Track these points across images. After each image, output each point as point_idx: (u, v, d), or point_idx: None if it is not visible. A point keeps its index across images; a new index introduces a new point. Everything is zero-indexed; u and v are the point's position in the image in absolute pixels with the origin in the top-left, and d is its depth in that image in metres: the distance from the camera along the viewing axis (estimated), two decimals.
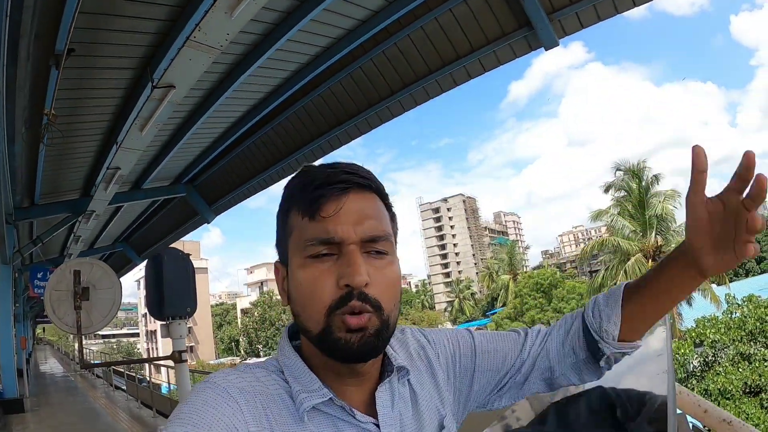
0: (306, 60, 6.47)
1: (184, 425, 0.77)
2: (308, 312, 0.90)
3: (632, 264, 26.28)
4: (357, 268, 0.86)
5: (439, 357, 1.13)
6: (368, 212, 0.91)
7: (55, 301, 5.67)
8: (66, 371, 26.82)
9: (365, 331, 0.87)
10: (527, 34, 5.82)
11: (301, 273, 0.90)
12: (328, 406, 0.91)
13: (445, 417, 1.07)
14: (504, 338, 1.19)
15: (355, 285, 0.85)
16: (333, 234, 0.87)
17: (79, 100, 5.50)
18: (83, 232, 9.56)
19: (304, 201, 0.90)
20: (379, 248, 0.91)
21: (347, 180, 0.91)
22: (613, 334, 1.08)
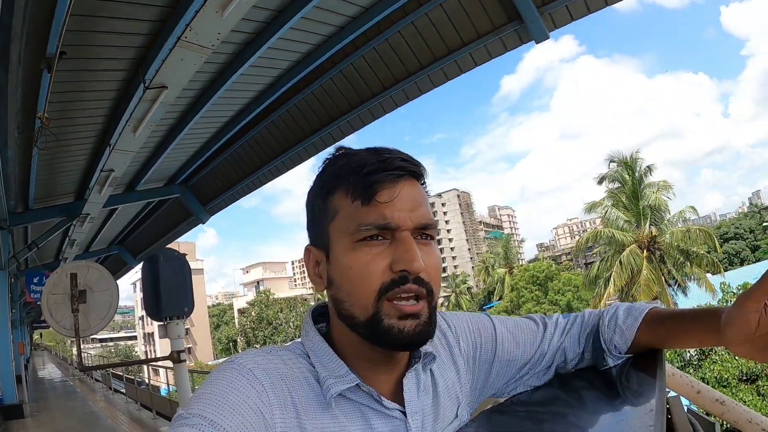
0: (297, 58, 6.47)
1: (208, 406, 0.76)
2: (356, 296, 0.88)
3: (627, 255, 26.30)
4: (415, 254, 0.86)
5: (459, 343, 1.13)
6: (420, 200, 0.92)
7: (52, 304, 5.65)
8: (64, 376, 26.70)
9: (419, 318, 0.87)
10: (518, 28, 5.83)
11: (350, 256, 0.89)
12: (354, 393, 0.90)
13: (461, 405, 1.08)
14: (523, 329, 1.19)
15: (413, 270, 0.85)
16: (390, 219, 0.87)
17: (71, 103, 5.49)
18: (78, 236, 9.53)
19: (356, 184, 0.89)
20: (428, 234, 0.91)
21: (403, 167, 0.90)
22: (621, 349, 1.11)
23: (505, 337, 1.16)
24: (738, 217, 76.13)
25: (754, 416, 2.19)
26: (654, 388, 0.95)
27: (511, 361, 1.15)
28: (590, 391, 1.09)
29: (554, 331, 1.19)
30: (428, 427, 0.97)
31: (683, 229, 26.44)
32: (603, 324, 1.14)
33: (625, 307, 1.14)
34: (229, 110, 7.61)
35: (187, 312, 5.50)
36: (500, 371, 1.16)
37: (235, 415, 0.75)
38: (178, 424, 0.74)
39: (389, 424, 0.91)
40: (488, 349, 1.15)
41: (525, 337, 1.17)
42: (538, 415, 1.05)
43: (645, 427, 0.79)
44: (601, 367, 1.13)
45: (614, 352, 1.11)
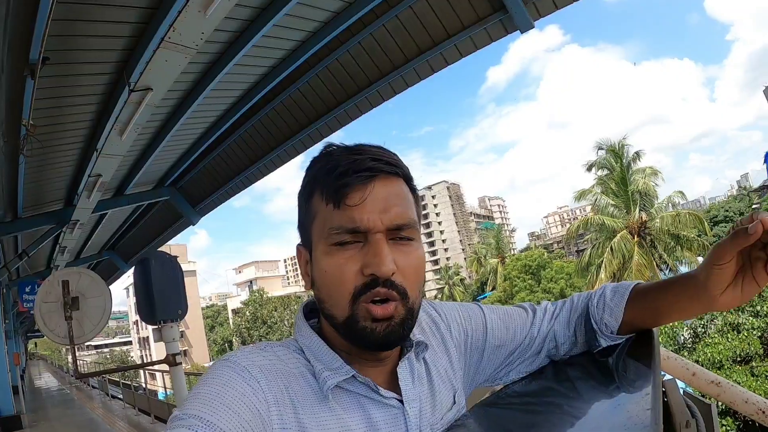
0: (282, 55, 6.44)
1: (204, 406, 0.76)
2: (333, 299, 0.89)
3: (618, 241, 26.48)
4: (383, 257, 0.85)
5: (451, 332, 1.14)
6: (394, 200, 0.90)
7: (45, 313, 5.62)
8: (61, 384, 26.66)
9: (391, 321, 0.87)
10: (502, 18, 5.80)
11: (325, 260, 0.90)
12: (351, 384, 0.91)
13: (457, 392, 1.09)
14: (513, 315, 1.21)
15: (381, 275, 0.85)
16: (359, 223, 0.87)
17: (56, 108, 5.43)
18: (69, 243, 9.47)
19: (328, 187, 0.89)
20: (405, 235, 0.90)
21: (373, 167, 0.89)
22: (612, 327, 1.12)
23: (495, 324, 1.17)
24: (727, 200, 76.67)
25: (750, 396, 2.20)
26: (649, 372, 0.96)
27: (501, 347, 1.17)
28: (586, 379, 1.10)
29: (543, 316, 1.21)
30: (427, 414, 0.98)
31: (673, 214, 26.69)
32: (592, 305, 1.15)
33: (612, 286, 1.16)
34: (216, 110, 7.57)
35: (181, 314, 5.48)
36: (491, 357, 1.17)
37: (232, 414, 0.75)
38: (174, 425, 0.74)
39: (387, 412, 0.92)
40: (479, 336, 1.16)
41: (515, 323, 1.19)
42: (534, 406, 1.07)
43: (642, 410, 0.79)
44: (595, 349, 1.15)
45: (606, 331, 1.13)
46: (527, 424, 0.99)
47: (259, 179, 9.63)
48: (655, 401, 0.81)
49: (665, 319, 1.11)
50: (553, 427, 0.94)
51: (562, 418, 0.96)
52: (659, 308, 1.08)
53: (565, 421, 0.94)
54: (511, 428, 1.01)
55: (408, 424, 0.93)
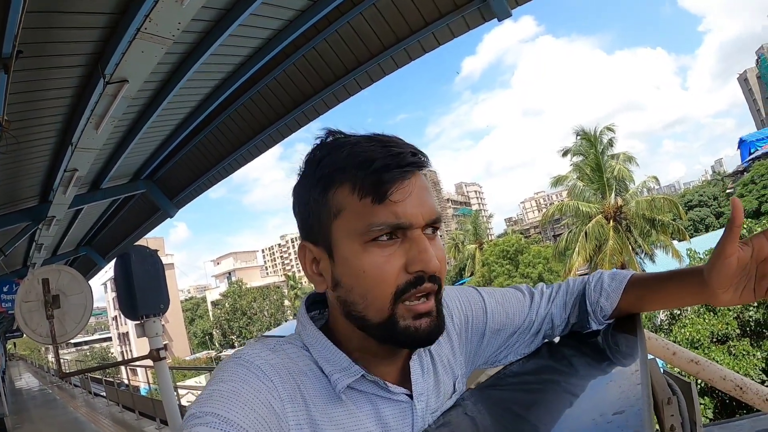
0: (259, 44, 6.37)
1: (221, 403, 0.75)
2: (370, 300, 0.87)
3: (593, 225, 26.80)
4: (430, 253, 0.86)
5: (453, 317, 1.15)
6: (427, 193, 0.90)
7: (26, 312, 5.53)
8: (42, 384, 26.40)
9: (432, 315, 0.88)
10: (480, 6, 5.79)
11: (362, 258, 0.86)
12: (360, 383, 0.92)
13: (458, 378, 1.11)
14: (511, 299, 1.23)
15: (430, 271, 0.85)
16: (404, 219, 0.85)
17: (30, 103, 5.31)
18: (45, 240, 9.31)
19: (365, 181, 0.85)
20: (437, 226, 0.91)
21: (416, 162, 0.88)
22: (606, 312, 1.17)
23: (495, 308, 1.20)
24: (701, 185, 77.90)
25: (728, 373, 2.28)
26: (637, 350, 0.99)
27: (501, 330, 1.20)
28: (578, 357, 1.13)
29: (540, 299, 1.24)
30: (431, 405, 1.00)
31: (648, 199, 27.13)
32: (589, 288, 1.19)
33: (610, 273, 1.20)
34: (192, 100, 7.48)
35: (163, 309, 5.45)
36: (490, 340, 1.20)
37: (249, 412, 0.75)
38: (193, 423, 0.73)
39: (396, 407, 0.94)
40: (479, 321, 1.18)
41: (513, 307, 1.21)
42: (531, 385, 1.09)
43: (633, 385, 0.82)
44: (585, 331, 1.19)
45: (599, 314, 1.17)
46: (526, 402, 1.01)
47: (236, 170, 9.56)
48: (644, 376, 0.84)
49: (657, 307, 1.16)
50: (549, 403, 0.97)
51: (558, 395, 0.99)
52: (658, 298, 1.12)
53: (561, 397, 0.98)
54: (509, 406, 1.03)
55: (414, 416, 0.95)
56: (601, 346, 1.12)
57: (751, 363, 11.80)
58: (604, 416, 0.75)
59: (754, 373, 11.50)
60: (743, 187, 45.10)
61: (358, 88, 7.28)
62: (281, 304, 71.98)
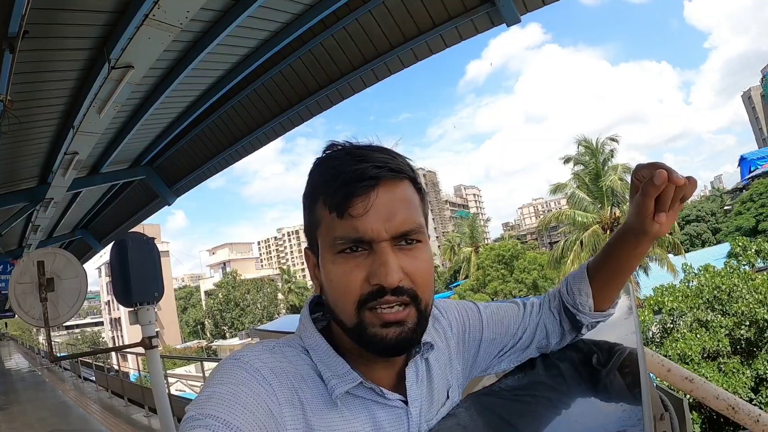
0: (266, 36, 6.36)
1: (220, 406, 0.75)
2: (339, 307, 0.90)
3: (588, 235, 26.84)
4: (389, 267, 0.85)
5: (452, 327, 1.18)
6: (398, 206, 0.89)
7: (19, 294, 5.50)
8: (32, 366, 26.31)
9: (404, 326, 0.87)
10: (489, 10, 5.82)
11: (331, 269, 0.89)
12: (357, 389, 0.92)
13: (451, 387, 1.11)
14: (506, 310, 1.26)
15: (387, 285, 0.85)
16: (362, 233, 0.86)
17: (34, 84, 5.30)
18: (42, 221, 9.31)
19: (331, 196, 0.88)
20: (412, 238, 0.90)
21: (376, 175, 0.88)
22: (588, 305, 1.18)
23: (491, 318, 1.22)
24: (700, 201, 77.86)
25: (721, 393, 2.28)
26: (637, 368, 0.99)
27: (497, 339, 1.21)
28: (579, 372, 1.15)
29: (532, 308, 1.26)
30: (424, 412, 1.00)
31: None
32: (563, 292, 1.22)
33: (572, 273, 1.23)
34: (196, 89, 7.47)
35: (158, 297, 5.42)
36: (487, 349, 1.21)
37: (248, 415, 0.75)
38: (192, 425, 0.73)
39: (391, 413, 0.95)
40: (476, 330, 1.20)
41: (508, 317, 1.24)
42: (530, 398, 1.08)
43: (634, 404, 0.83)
44: (581, 329, 1.21)
45: (582, 309, 1.18)
46: (525, 414, 1.01)
47: (237, 161, 9.59)
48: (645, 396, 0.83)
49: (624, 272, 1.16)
50: (549, 417, 0.97)
51: (558, 410, 0.99)
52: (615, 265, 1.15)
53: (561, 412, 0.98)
54: (507, 418, 1.03)
55: (410, 423, 0.96)
56: (602, 362, 1.12)
57: (741, 381, 11.82)
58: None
59: (743, 391, 11.53)
60: (741, 204, 45.13)
61: (363, 86, 7.28)
62: (274, 297, 71.91)
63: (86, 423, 10.47)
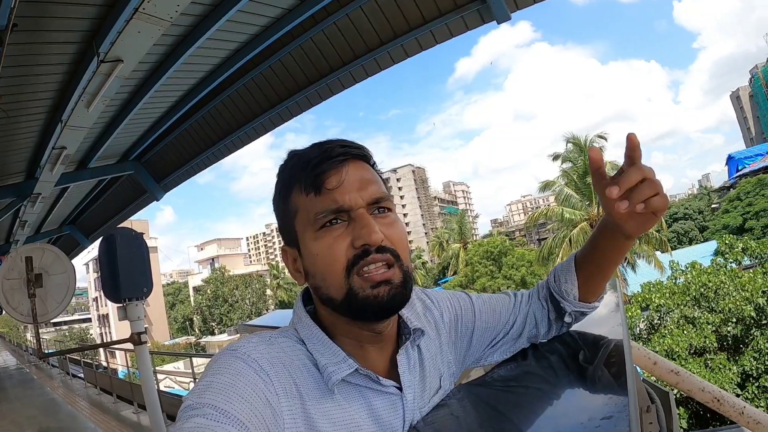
0: (256, 31, 6.34)
1: (218, 395, 0.77)
2: (328, 279, 0.93)
3: (577, 232, 26.97)
4: (372, 227, 0.91)
5: (443, 316, 1.20)
6: (368, 177, 0.97)
7: (7, 290, 5.46)
8: (20, 363, 26.13)
9: (392, 283, 0.91)
10: (480, 7, 5.83)
11: (315, 245, 0.94)
12: (353, 376, 0.94)
13: (443, 376, 1.14)
14: (498, 300, 1.29)
15: (372, 243, 0.90)
16: (342, 203, 0.93)
17: (22, 77, 5.24)
18: (29, 217, 9.24)
19: (306, 179, 0.95)
20: (384, 206, 0.97)
21: (344, 152, 0.97)
22: (573, 293, 1.21)
23: (483, 307, 1.26)
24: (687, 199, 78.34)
25: (706, 386, 2.31)
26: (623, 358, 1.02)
27: (489, 329, 1.25)
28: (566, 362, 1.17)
29: (522, 298, 1.30)
30: (417, 398, 1.02)
31: None
32: (550, 281, 1.26)
33: (560, 264, 1.27)
34: (185, 84, 7.43)
35: (146, 293, 5.40)
36: (480, 339, 1.24)
37: (245, 404, 0.77)
38: (189, 414, 0.74)
39: (387, 400, 0.97)
40: (469, 319, 1.23)
41: (500, 306, 1.28)
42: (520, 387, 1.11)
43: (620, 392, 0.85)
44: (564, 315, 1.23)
45: (566, 297, 1.21)
46: (515, 403, 1.03)
47: (226, 156, 9.56)
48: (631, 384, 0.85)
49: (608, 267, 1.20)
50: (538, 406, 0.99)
51: (547, 398, 1.01)
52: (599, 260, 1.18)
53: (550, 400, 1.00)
54: (498, 407, 1.05)
55: (405, 408, 0.99)
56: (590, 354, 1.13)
57: (727, 377, 11.93)
58: (592, 420, 0.76)
59: (729, 387, 11.62)
60: (729, 203, 45.37)
61: (353, 81, 7.28)
62: (263, 293, 71.75)
63: (75, 420, 10.42)
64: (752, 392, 11.88)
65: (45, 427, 9.82)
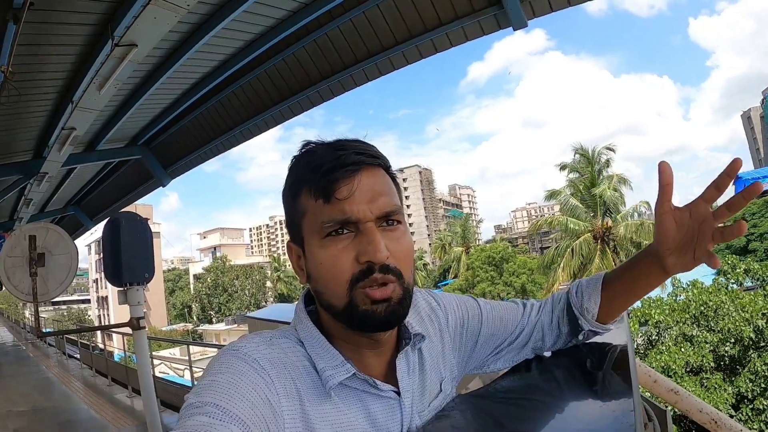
0: (272, 23, 6.33)
1: (220, 394, 0.78)
2: (331, 288, 0.93)
3: (580, 243, 26.94)
4: (377, 245, 0.89)
5: (448, 320, 1.19)
6: (380, 189, 0.94)
7: (9, 268, 5.48)
8: (17, 340, 26.21)
9: (390, 301, 0.90)
10: (497, 13, 5.81)
11: (320, 253, 0.93)
12: (351, 380, 0.94)
13: (444, 380, 1.13)
14: (506, 308, 1.28)
15: (377, 261, 0.89)
16: (350, 214, 0.90)
17: (36, 56, 5.25)
18: (35, 195, 9.25)
19: (316, 184, 0.93)
20: (393, 219, 0.95)
21: (358, 161, 0.93)
22: (592, 312, 1.20)
23: (490, 314, 1.24)
24: None
25: (705, 407, 2.30)
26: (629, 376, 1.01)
27: (494, 336, 1.24)
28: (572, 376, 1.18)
29: (531, 309, 1.28)
30: (416, 403, 1.02)
31: (638, 222, 27.19)
32: (571, 294, 1.24)
33: (585, 279, 1.25)
34: (198, 72, 7.43)
35: (148, 278, 5.39)
36: (484, 345, 1.23)
37: (247, 404, 0.77)
38: (191, 412, 0.75)
39: (384, 404, 0.97)
40: (475, 324, 1.22)
41: (508, 314, 1.26)
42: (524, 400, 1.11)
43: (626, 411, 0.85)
44: (578, 335, 1.23)
45: (588, 316, 1.20)
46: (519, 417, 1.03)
47: (234, 146, 9.56)
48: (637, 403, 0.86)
49: (635, 294, 1.21)
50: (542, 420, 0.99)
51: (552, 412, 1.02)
52: (628, 286, 1.18)
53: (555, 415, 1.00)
54: (500, 419, 1.05)
55: (403, 413, 0.99)
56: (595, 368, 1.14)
57: (722, 397, 11.89)
58: None
59: (724, 408, 11.58)
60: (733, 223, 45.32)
61: (365, 79, 7.26)
62: (263, 285, 71.92)
63: (69, 400, 10.46)
64: (746, 414, 11.83)
65: (38, 406, 9.85)
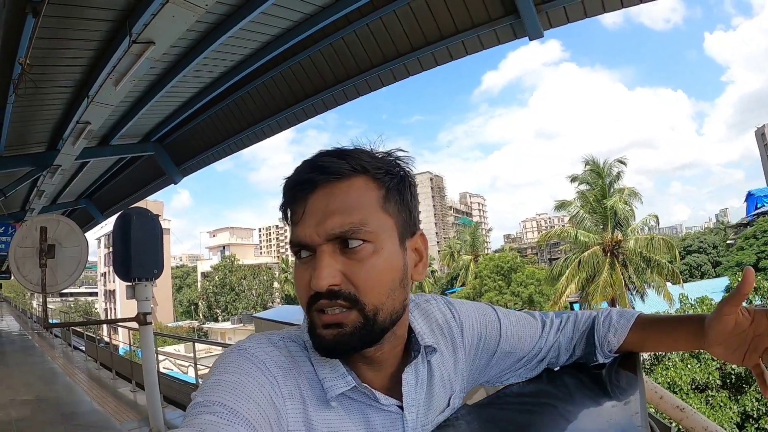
0: (288, 26, 6.35)
1: (227, 394, 0.78)
2: (302, 307, 0.92)
3: (589, 255, 26.80)
4: (318, 272, 0.84)
5: (463, 333, 1.15)
6: (334, 207, 0.86)
7: (19, 258, 5.52)
8: (23, 329, 26.35)
9: (342, 328, 0.86)
10: (513, 22, 5.79)
11: (295, 271, 0.93)
12: (353, 392, 0.93)
13: (454, 393, 1.10)
14: (525, 323, 1.24)
15: (317, 289, 0.84)
16: (300, 239, 0.88)
17: (54, 50, 5.29)
18: (48, 187, 9.31)
19: (282, 206, 0.93)
20: (357, 237, 0.86)
21: (311, 180, 0.88)
22: (612, 346, 1.20)
23: (509, 330, 1.20)
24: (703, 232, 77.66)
25: (710, 425, 2.27)
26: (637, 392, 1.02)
27: (511, 353, 1.21)
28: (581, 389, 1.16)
29: (550, 328, 1.25)
30: (421, 417, 0.99)
31: (648, 237, 27.03)
32: (598, 323, 1.22)
33: (618, 310, 1.24)
34: (213, 72, 7.46)
35: (156, 274, 5.44)
36: (499, 361, 1.20)
37: (253, 404, 0.77)
38: (198, 411, 0.75)
39: (387, 418, 0.95)
40: (492, 341, 1.18)
41: (526, 332, 1.23)
42: (532, 411, 1.11)
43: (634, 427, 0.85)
44: (591, 363, 1.23)
45: (606, 349, 1.20)
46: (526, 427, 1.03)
47: (247, 146, 9.56)
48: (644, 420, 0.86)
49: (658, 347, 1.21)
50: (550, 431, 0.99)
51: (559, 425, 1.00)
52: (660, 338, 1.18)
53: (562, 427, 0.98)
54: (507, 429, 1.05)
55: (405, 428, 0.96)
56: (603, 381, 1.14)
57: (727, 415, 11.82)
58: None
59: (728, 426, 11.52)
60: (744, 240, 45.01)
61: (380, 84, 7.26)
62: (270, 286, 72.04)
63: (72, 392, 10.48)
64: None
65: (42, 396, 9.89)
